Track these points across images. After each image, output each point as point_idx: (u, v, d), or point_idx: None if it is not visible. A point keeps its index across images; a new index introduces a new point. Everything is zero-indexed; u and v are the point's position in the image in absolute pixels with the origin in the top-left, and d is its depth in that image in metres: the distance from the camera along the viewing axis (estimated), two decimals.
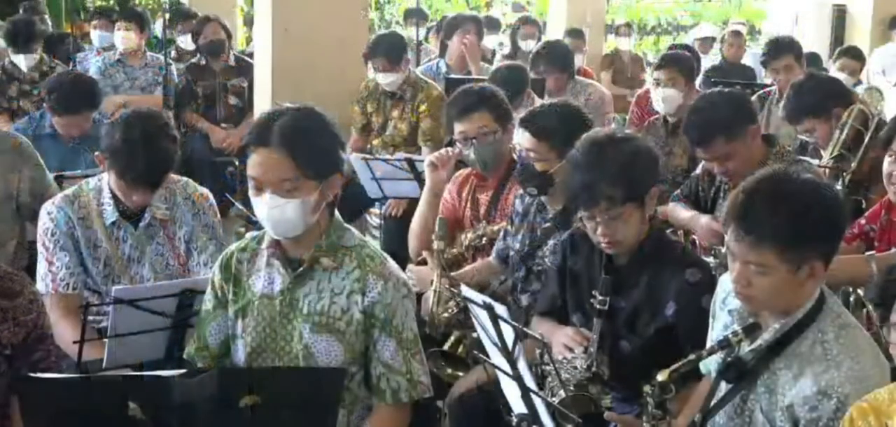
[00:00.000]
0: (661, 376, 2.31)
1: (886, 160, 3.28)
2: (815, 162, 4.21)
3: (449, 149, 3.98)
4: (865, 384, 2.11)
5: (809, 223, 2.19)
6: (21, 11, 7.39)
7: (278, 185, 2.47)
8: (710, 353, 2.35)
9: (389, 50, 5.48)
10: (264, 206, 2.49)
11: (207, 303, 2.70)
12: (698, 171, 4.02)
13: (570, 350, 2.86)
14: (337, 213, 2.65)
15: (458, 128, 3.84)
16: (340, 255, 2.59)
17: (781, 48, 5.93)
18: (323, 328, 2.56)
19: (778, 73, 5.83)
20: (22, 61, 6.18)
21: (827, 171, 4.10)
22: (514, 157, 3.82)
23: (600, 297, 2.83)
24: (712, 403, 2.41)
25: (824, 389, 2.14)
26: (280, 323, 2.59)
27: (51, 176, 4.02)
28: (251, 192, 2.53)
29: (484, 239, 3.79)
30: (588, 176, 2.74)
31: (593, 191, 2.74)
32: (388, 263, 2.62)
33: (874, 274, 3.10)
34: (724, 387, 2.39)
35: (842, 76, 6.25)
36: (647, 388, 2.35)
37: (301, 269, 2.57)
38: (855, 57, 6.97)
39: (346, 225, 2.67)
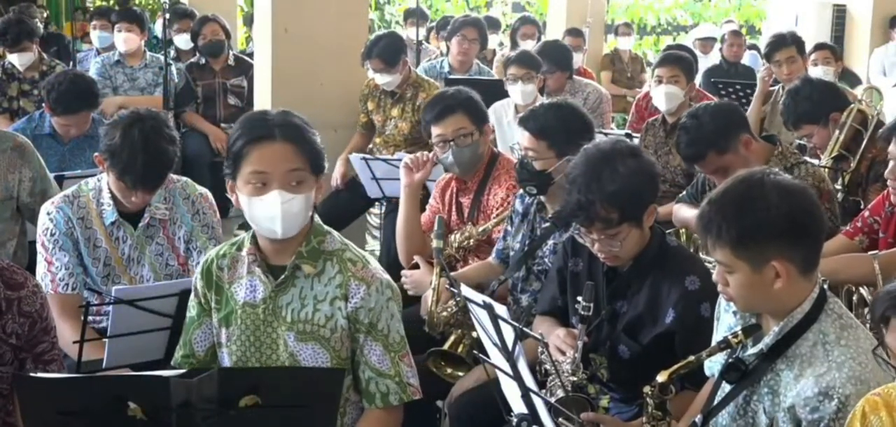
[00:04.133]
0: (662, 377, 2.32)
1: (892, 163, 3.27)
2: (815, 162, 4.22)
3: (425, 152, 3.99)
4: (867, 385, 2.11)
5: (757, 223, 2.20)
6: (11, 12, 7.37)
7: (286, 177, 2.44)
8: (711, 354, 2.35)
9: (384, 52, 5.47)
10: (274, 203, 2.43)
11: (191, 310, 2.67)
12: None
13: (562, 353, 2.87)
14: (317, 217, 2.62)
15: (435, 131, 3.84)
16: (322, 260, 2.55)
17: (783, 40, 6.02)
18: (308, 336, 2.53)
19: (781, 65, 5.89)
20: (16, 60, 6.18)
21: (826, 171, 4.11)
22: (510, 157, 3.83)
23: (584, 303, 2.83)
24: (714, 404, 2.41)
25: (825, 390, 2.14)
26: (264, 331, 2.57)
27: (52, 176, 4.02)
28: (249, 194, 2.45)
29: (472, 240, 3.80)
30: (584, 196, 2.74)
31: (589, 211, 2.74)
32: (371, 266, 2.58)
33: (877, 273, 3.10)
34: (726, 388, 2.39)
35: (819, 70, 6.29)
36: (647, 389, 2.35)
37: (283, 276, 2.54)
38: (827, 49, 6.97)
39: (327, 228, 2.62)
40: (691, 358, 2.33)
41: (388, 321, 2.56)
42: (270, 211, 2.45)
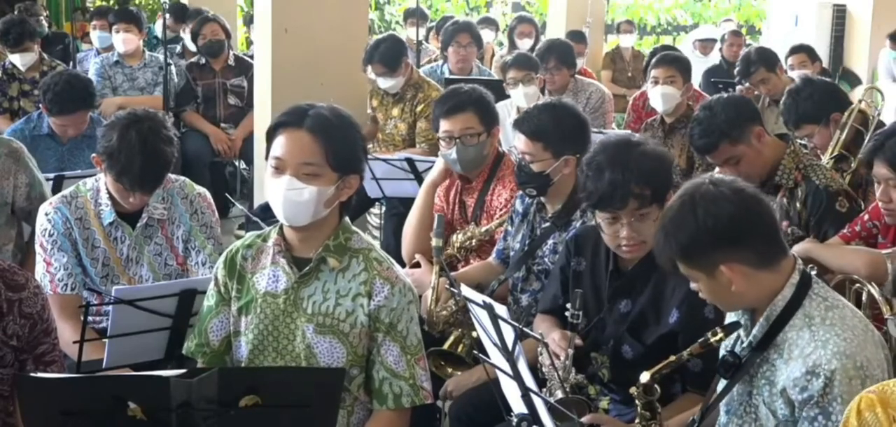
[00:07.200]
0: (645, 377, 2.34)
1: (880, 185, 3.25)
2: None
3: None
4: (852, 358, 2.15)
5: (691, 238, 2.26)
6: (16, 11, 7.38)
7: (300, 168, 2.47)
8: (692, 354, 2.36)
9: (384, 56, 5.49)
10: (281, 187, 2.47)
11: (210, 299, 2.69)
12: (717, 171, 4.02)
13: (556, 356, 2.86)
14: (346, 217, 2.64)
15: (444, 126, 3.84)
16: (348, 256, 2.58)
17: (748, 65, 6.02)
18: (326, 329, 2.55)
19: (756, 87, 5.91)
20: (18, 60, 6.18)
21: None
22: (511, 157, 3.82)
23: (573, 311, 2.83)
24: (711, 400, 2.42)
25: (812, 369, 2.17)
26: (283, 321, 2.58)
27: (45, 182, 3.98)
28: (269, 175, 2.52)
29: (474, 241, 3.80)
30: (618, 176, 2.74)
31: (624, 190, 2.74)
32: (395, 268, 2.61)
33: (891, 271, 3.10)
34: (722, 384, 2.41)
35: (796, 74, 6.26)
36: (633, 390, 2.36)
37: (307, 268, 2.56)
38: (803, 51, 6.95)
39: (355, 229, 2.65)
40: (672, 358, 2.35)
41: (408, 324, 2.58)
42: (275, 195, 2.50)
